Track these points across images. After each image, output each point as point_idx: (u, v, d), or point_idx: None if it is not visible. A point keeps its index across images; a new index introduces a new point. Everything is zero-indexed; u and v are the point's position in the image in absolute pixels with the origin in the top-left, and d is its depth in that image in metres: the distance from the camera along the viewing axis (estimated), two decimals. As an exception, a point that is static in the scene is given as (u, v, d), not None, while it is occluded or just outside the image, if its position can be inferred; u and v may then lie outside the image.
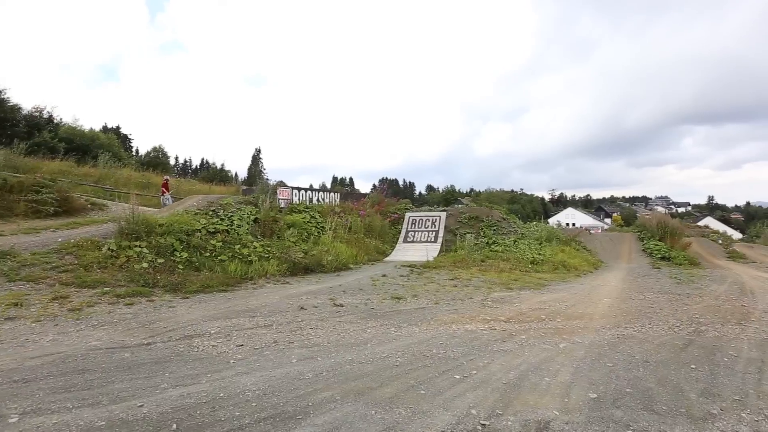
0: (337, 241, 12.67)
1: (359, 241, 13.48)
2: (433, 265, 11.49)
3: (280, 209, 12.83)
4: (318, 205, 14.38)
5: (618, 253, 16.75)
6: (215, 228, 9.84)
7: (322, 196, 15.14)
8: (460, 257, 12.90)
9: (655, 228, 17.35)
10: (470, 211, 17.67)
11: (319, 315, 5.63)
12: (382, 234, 15.16)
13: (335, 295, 7.07)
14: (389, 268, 10.91)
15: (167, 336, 4.45)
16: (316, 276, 9.35)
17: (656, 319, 6.27)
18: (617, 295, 8.51)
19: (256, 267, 8.87)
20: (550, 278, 10.49)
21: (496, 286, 8.75)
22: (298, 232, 11.67)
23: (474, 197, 70.97)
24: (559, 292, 8.51)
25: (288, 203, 13.36)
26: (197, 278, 7.60)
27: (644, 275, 12.08)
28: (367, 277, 9.27)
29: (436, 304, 6.72)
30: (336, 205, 15.45)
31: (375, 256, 13.08)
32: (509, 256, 13.63)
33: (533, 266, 12.26)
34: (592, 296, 8.21)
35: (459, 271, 10.89)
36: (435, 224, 15.42)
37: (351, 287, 7.97)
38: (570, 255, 14.17)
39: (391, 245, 14.94)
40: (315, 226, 12.73)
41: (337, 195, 15.99)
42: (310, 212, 13.37)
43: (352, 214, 14.92)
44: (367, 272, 10.18)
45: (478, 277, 9.88)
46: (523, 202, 77.78)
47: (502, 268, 11.26)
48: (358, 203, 16.18)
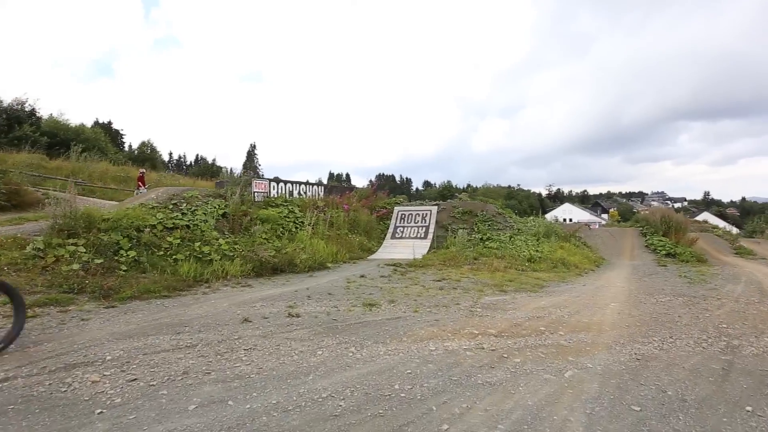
0: (316, 237, 11.52)
1: (342, 237, 12.33)
2: (420, 263, 10.35)
3: (253, 203, 11.66)
4: (298, 198, 13.22)
5: (620, 249, 15.64)
6: (174, 223, 8.67)
7: (305, 189, 13.98)
8: (451, 255, 11.77)
9: (658, 223, 16.24)
10: (464, 205, 16.53)
11: (264, 330, 4.48)
12: (368, 230, 14.02)
13: (296, 302, 5.92)
14: (371, 268, 9.77)
15: (42, 365, 3.30)
16: (285, 277, 8.20)
17: (677, 330, 5.15)
18: (625, 298, 7.39)
19: (216, 267, 7.72)
20: (549, 278, 9.37)
21: (488, 289, 7.62)
22: (271, 227, 10.52)
23: (471, 193, 69.76)
24: (559, 295, 7.39)
25: (265, 196, 12.20)
26: (139, 282, 6.45)
27: (650, 274, 10.98)
28: (343, 278, 8.13)
29: (415, 312, 5.58)
30: (319, 198, 14.29)
31: (358, 253, 11.94)
32: (504, 253, 12.50)
33: (530, 264, 11.13)
34: (597, 300, 7.09)
35: (448, 270, 9.76)
36: (425, 219, 14.28)
37: (320, 291, 6.83)
38: (570, 252, 13.06)
39: (378, 242, 13.80)
40: (293, 222, 11.57)
41: (321, 188, 14.84)
42: (289, 206, 12.21)
43: (337, 208, 13.77)
44: (345, 272, 9.04)
45: (468, 278, 8.74)
46: (520, 198, 76.73)
47: (496, 267, 10.13)
48: (343, 197, 15.02)
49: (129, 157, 40.07)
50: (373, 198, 16.57)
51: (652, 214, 16.79)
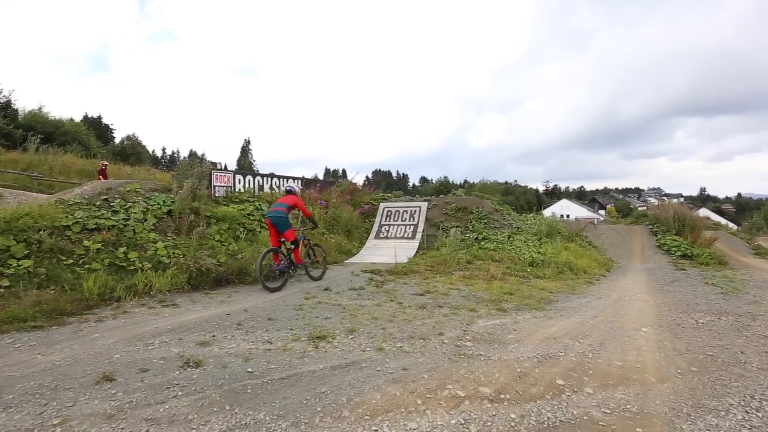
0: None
1: (316, 238, 10.62)
2: (404, 269, 8.67)
3: (213, 198, 9.95)
4: (270, 194, 11.51)
5: (629, 249, 14.00)
6: (97, 223, 6.95)
7: (278, 183, 12.26)
8: (442, 258, 10.10)
9: (671, 221, 14.59)
10: (457, 201, 14.84)
11: (121, 401, 2.77)
12: (349, 229, 12.33)
13: (216, 335, 4.23)
14: (343, 276, 8.08)
15: None
16: (229, 290, 6.51)
17: (752, 380, 3.51)
18: (656, 318, 5.74)
19: (136, 280, 6.02)
20: (556, 288, 7.71)
21: (483, 306, 5.95)
22: (229, 227, 8.81)
23: (467, 189, 68.22)
24: (573, 315, 5.73)
25: (228, 191, 10.49)
26: (13, 303, 4.75)
27: (672, 280, 9.34)
28: (301, 292, 6.44)
29: (379, 352, 3.91)
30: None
31: (336, 256, 10.25)
32: (502, 255, 10.84)
33: (532, 270, 9.47)
34: (622, 322, 5.43)
35: (436, 278, 8.09)
36: (414, 217, 12.60)
37: (261, 313, 5.14)
38: (576, 254, 11.40)
39: (361, 242, 12.12)
40: (258, 220, 9.86)
41: (299, 182, 13.12)
42: (256, 202, 10.50)
43: (314, 205, 12.07)
44: (308, 283, 7.35)
45: (459, 290, 7.07)
46: (517, 194, 75.17)
47: (493, 274, 8.46)
48: (323, 192, 13.31)
49: (113, 151, 38.27)
50: (358, 193, 14.87)
51: (663, 210, 15.14)
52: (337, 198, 12.82)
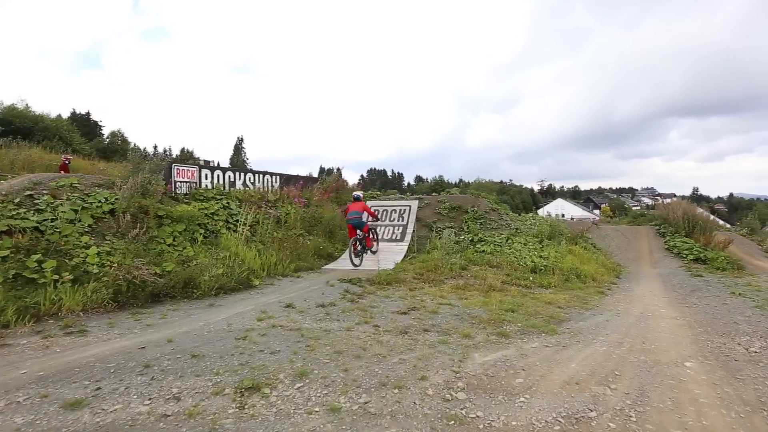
0: (255, 241, 8.56)
1: (292, 240, 9.36)
2: (389, 277, 7.41)
3: (173, 195, 8.66)
4: (241, 191, 10.22)
5: (636, 252, 12.85)
6: (9, 225, 5.65)
7: (252, 179, 10.96)
8: (433, 263, 8.87)
9: (680, 221, 13.46)
10: (451, 199, 13.62)
11: None
12: (332, 230, 11.06)
13: (104, 386, 2.97)
14: (316, 287, 6.82)
15: None
16: (166, 309, 5.22)
17: None
18: (696, 346, 4.54)
19: (47, 296, 4.74)
20: (565, 302, 6.50)
21: (480, 330, 4.73)
22: (186, 229, 7.52)
23: (462, 188, 67.17)
24: (592, 341, 4.52)
25: (192, 187, 9.19)
26: None
27: (692, 290, 8.16)
28: (256, 311, 5.17)
29: (332, 415, 2.67)
30: (272, 191, 11.30)
31: (312, 262, 8.99)
32: (501, 260, 9.64)
33: (535, 277, 8.27)
34: (657, 353, 4.23)
35: (424, 290, 6.85)
36: (403, 217, 11.36)
37: (188, 344, 3.87)
38: (581, 258, 10.21)
39: (344, 245, 10.86)
40: (224, 221, 8.59)
41: (277, 178, 11.83)
42: (224, 200, 9.21)
43: (293, 203, 10.81)
44: (270, 296, 6.08)
45: (451, 305, 5.84)
46: (512, 193, 74.18)
47: (491, 284, 7.24)
48: (304, 189, 12.05)
49: (97, 147, 36.73)
50: (344, 191, 13.60)
51: (672, 210, 14.01)
52: (319, 196, 11.54)
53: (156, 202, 7.62)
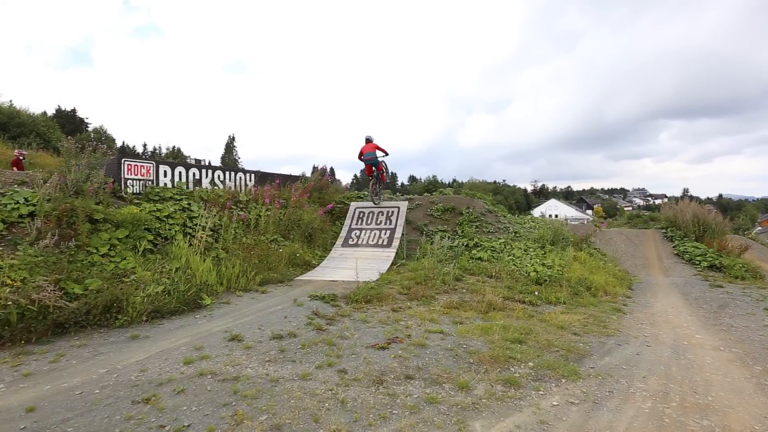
0: (217, 249, 7.31)
1: (262, 247, 8.11)
2: (369, 293, 6.18)
3: (121, 195, 7.38)
4: (208, 190, 8.94)
5: (644, 259, 11.76)
6: None
7: (222, 177, 9.68)
8: (423, 273, 7.67)
9: (689, 224, 12.40)
10: (445, 200, 12.44)
11: None
12: (312, 233, 9.82)
13: None
14: (280, 306, 5.58)
15: None
16: (70, 344, 3.95)
17: None
18: (765, 396, 3.39)
19: None
20: (580, 324, 5.34)
21: (480, 374, 3.54)
22: (129, 235, 6.24)
23: (456, 188, 66.25)
24: (630, 394, 3.34)
25: (147, 185, 7.90)
26: None
27: (719, 305, 7.05)
28: (186, 349, 3.92)
29: None
30: (245, 191, 10.02)
31: (285, 272, 7.74)
32: (500, 268, 8.48)
33: (541, 290, 7.11)
34: (721, 412, 3.06)
35: (412, 309, 5.63)
36: (391, 220, 10.14)
37: (48, 423, 2.62)
38: (588, 266, 9.08)
39: (326, 250, 9.63)
40: (182, 225, 7.31)
41: (251, 176, 10.55)
42: (184, 201, 7.93)
43: (267, 204, 9.54)
44: (217, 322, 4.83)
45: (442, 333, 4.64)
46: (505, 194, 73.34)
47: (491, 301, 6.06)
48: (283, 189, 10.78)
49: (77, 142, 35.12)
50: (327, 190, 12.36)
51: (680, 212, 12.94)
52: (298, 195, 10.28)
53: (94, 203, 6.34)
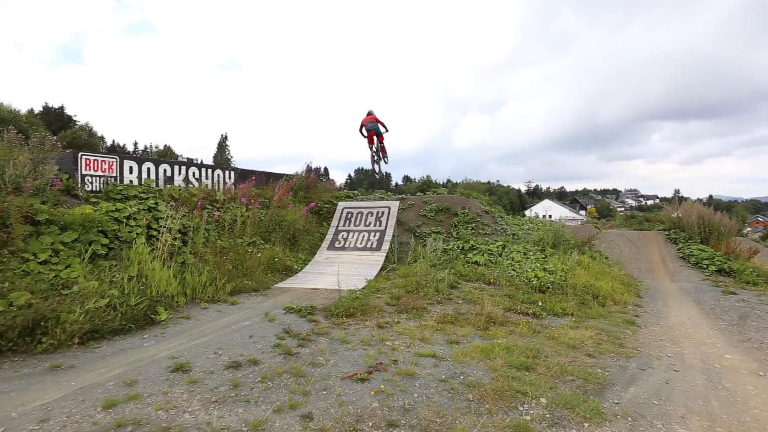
0: (185, 253, 6.49)
1: (238, 251, 7.31)
2: (354, 304, 5.41)
3: (77, 193, 6.54)
4: (180, 188, 8.11)
5: (648, 262, 11.10)
6: None
7: (197, 174, 8.84)
8: (414, 279, 6.92)
9: (695, 226, 11.77)
10: (438, 200, 11.71)
11: None
12: (295, 235, 9.03)
13: None
14: (248, 322, 4.78)
15: None
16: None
17: None
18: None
19: None
20: (594, 342, 4.61)
21: (480, 415, 2.78)
22: (77, 239, 5.41)
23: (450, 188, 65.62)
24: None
25: (109, 182, 7.07)
26: None
27: (739, 315, 6.37)
28: (114, 385, 3.12)
29: None
30: (223, 190, 9.19)
31: (262, 279, 6.94)
32: (498, 274, 7.76)
33: (543, 299, 6.39)
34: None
35: (400, 325, 4.86)
36: (380, 221, 9.37)
37: None
38: (592, 271, 8.37)
39: (311, 253, 8.85)
40: (146, 226, 6.48)
41: (230, 173, 9.73)
42: (151, 200, 7.10)
43: (243, 204, 8.73)
44: (166, 344, 4.03)
45: (435, 357, 3.88)
46: (500, 194, 72.88)
47: (490, 313, 5.31)
48: (265, 187, 9.97)
49: (62, 141, 34.01)
50: (315, 190, 11.56)
51: (685, 214, 12.32)
52: (280, 194, 9.46)
53: (39, 201, 5.50)
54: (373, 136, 10.64)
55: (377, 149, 10.95)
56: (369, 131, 10.61)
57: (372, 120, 10.62)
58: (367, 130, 10.60)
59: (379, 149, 11.01)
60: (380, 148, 11.00)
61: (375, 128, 10.61)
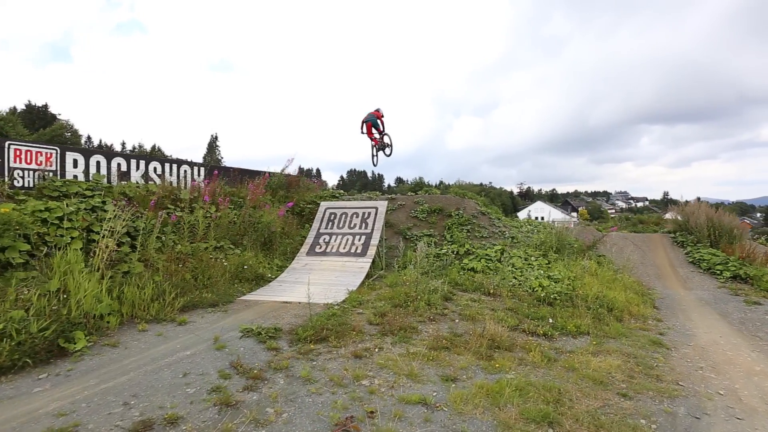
0: (130, 262, 5.43)
1: (200, 258, 6.25)
2: (325, 326, 4.41)
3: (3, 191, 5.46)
4: (137, 186, 7.03)
5: (656, 267, 10.24)
6: None
7: (160, 169, 7.76)
8: (402, 290, 5.94)
9: (704, 228, 10.96)
10: (431, 200, 10.76)
11: None
12: (271, 240, 7.99)
13: None
14: (188, 352, 3.75)
15: None
16: None
17: None
18: None
19: None
20: (624, 376, 3.65)
21: None
22: (-16, 245, 4.33)
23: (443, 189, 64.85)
24: None
25: (45, 177, 5.99)
26: None
27: (774, 332, 5.48)
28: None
29: None
30: (191, 188, 8.11)
31: (225, 290, 5.90)
32: (498, 283, 6.82)
33: (551, 312, 5.45)
34: None
35: (383, 353, 3.86)
36: (367, 222, 8.37)
37: None
38: (602, 279, 7.45)
39: (288, 260, 7.81)
40: (84, 229, 5.40)
41: (200, 169, 8.65)
42: (96, 198, 6.02)
43: (206, 203, 7.68)
44: (68, 387, 2.99)
45: (426, 405, 2.89)
46: (492, 196, 72.24)
47: (494, 336, 4.33)
48: (240, 186, 8.90)
49: (39, 139, 32.54)
50: (296, 188, 10.53)
51: (692, 215, 11.51)
52: (252, 193, 8.39)
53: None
54: (372, 128, 10.72)
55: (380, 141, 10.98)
56: (366, 122, 10.72)
57: (372, 114, 10.78)
58: (364, 121, 10.72)
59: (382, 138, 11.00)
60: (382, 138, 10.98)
61: (372, 120, 10.68)
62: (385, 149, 11.18)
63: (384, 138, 11.04)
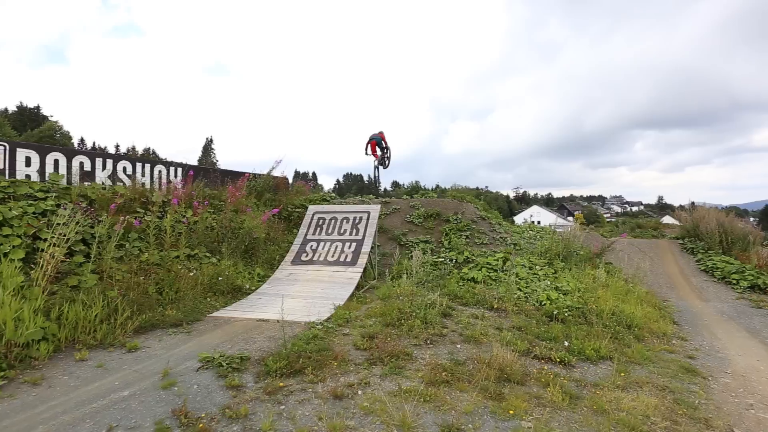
0: (83, 274, 4.67)
1: (168, 268, 5.50)
2: (302, 353, 3.69)
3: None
4: (104, 188, 6.27)
5: (667, 276, 9.56)
6: None
7: (130, 170, 7.01)
8: (396, 305, 5.19)
9: (715, 234, 10.32)
10: (427, 204, 10.06)
11: None
12: (254, 247, 7.24)
13: None
14: (131, 390, 3.01)
15: None
16: None
17: None
18: None
19: None
20: (661, 415, 2.95)
21: None
22: None
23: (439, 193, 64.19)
24: None
25: (-9, 178, 5.23)
26: None
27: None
28: None
29: None
30: (165, 190, 7.35)
31: (195, 306, 5.15)
32: (501, 296, 6.10)
33: (564, 330, 4.75)
34: None
35: (369, 389, 3.14)
36: (358, 228, 7.64)
37: None
38: (615, 291, 6.75)
39: (270, 270, 7.06)
40: (30, 236, 4.65)
41: (178, 170, 7.91)
42: (50, 201, 5.27)
43: (174, 206, 6.93)
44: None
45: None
46: (489, 200, 71.71)
47: (502, 363, 3.61)
48: (221, 187, 8.16)
49: (28, 139, 31.67)
50: (285, 191, 9.79)
51: (702, 220, 10.87)
52: (234, 195, 7.64)
53: None
54: (375, 146, 11.31)
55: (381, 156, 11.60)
56: (371, 140, 11.34)
57: (376, 135, 11.44)
58: (370, 138, 11.34)
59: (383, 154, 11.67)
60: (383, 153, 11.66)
61: (377, 139, 11.33)
62: (384, 162, 11.91)
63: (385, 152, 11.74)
